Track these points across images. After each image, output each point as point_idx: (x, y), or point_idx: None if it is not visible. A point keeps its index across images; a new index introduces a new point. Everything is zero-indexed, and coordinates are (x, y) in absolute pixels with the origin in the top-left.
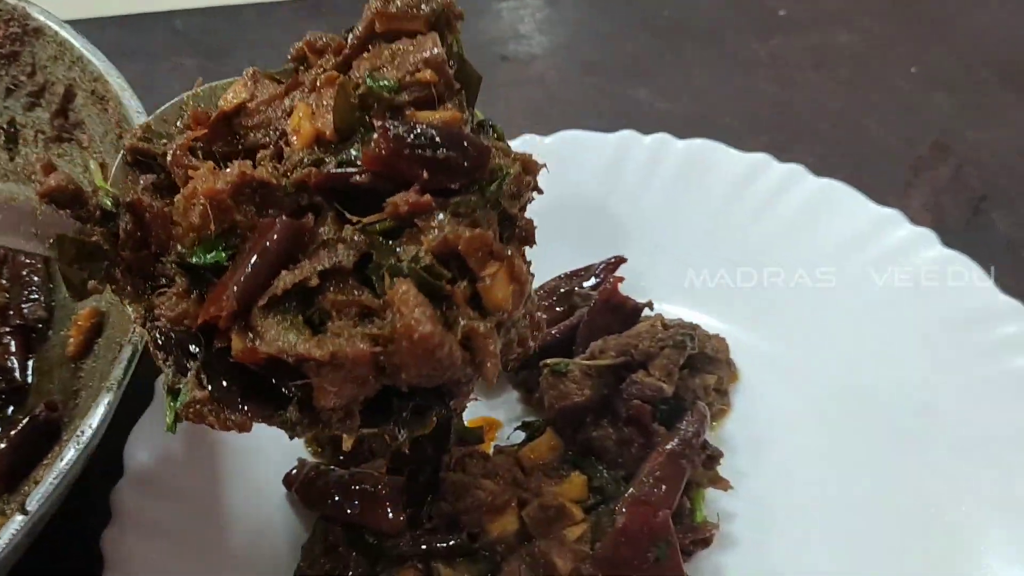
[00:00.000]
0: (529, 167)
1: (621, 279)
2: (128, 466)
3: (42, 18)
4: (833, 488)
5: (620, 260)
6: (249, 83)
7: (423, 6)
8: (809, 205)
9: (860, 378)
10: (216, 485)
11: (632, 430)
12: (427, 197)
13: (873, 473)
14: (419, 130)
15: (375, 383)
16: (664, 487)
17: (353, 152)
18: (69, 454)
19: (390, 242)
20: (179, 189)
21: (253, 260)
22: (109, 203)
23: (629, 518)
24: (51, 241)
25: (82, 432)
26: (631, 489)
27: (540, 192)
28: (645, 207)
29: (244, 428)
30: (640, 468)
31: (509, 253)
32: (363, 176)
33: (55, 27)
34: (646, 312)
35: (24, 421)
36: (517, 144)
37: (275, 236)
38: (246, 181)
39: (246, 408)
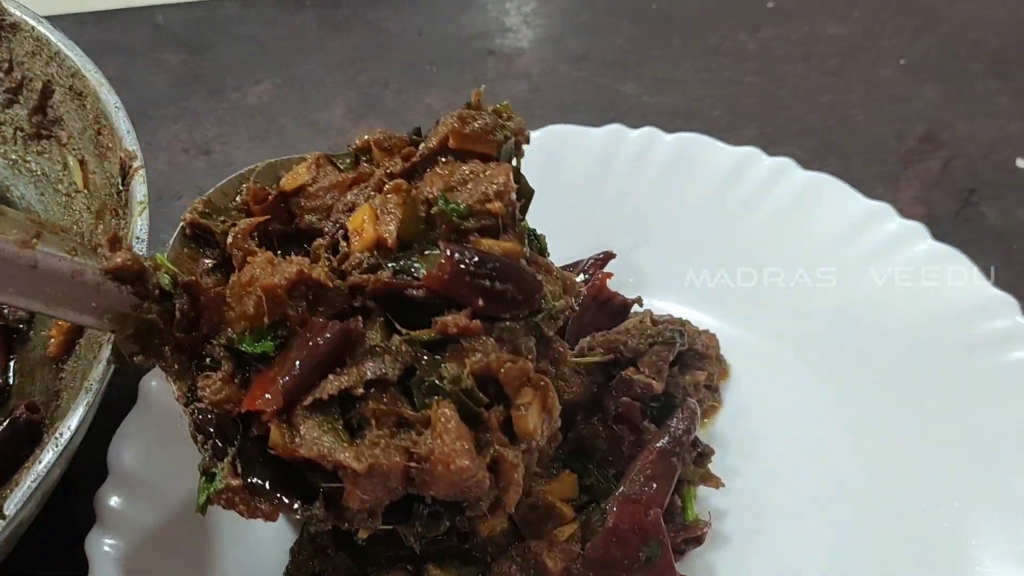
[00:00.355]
0: (569, 288)
1: (609, 275)
2: (112, 468)
3: (19, 13)
4: (825, 484)
5: (609, 255)
6: (313, 167)
7: (497, 132)
8: (799, 199)
9: (851, 374)
10: (194, 486)
11: (622, 428)
12: (477, 323)
13: (865, 469)
14: (482, 260)
15: (402, 491)
16: (655, 485)
17: (413, 264)
18: (47, 457)
19: (435, 356)
20: (234, 269)
21: (302, 359)
22: (168, 282)
23: (619, 517)
24: (110, 317)
25: (60, 435)
26: (621, 488)
27: (575, 312)
28: (633, 202)
29: (271, 518)
30: (630, 466)
31: (543, 384)
32: (419, 291)
33: (32, 22)
34: (635, 308)
35: (4, 423)
36: None
37: (327, 339)
38: (303, 279)
39: (276, 500)
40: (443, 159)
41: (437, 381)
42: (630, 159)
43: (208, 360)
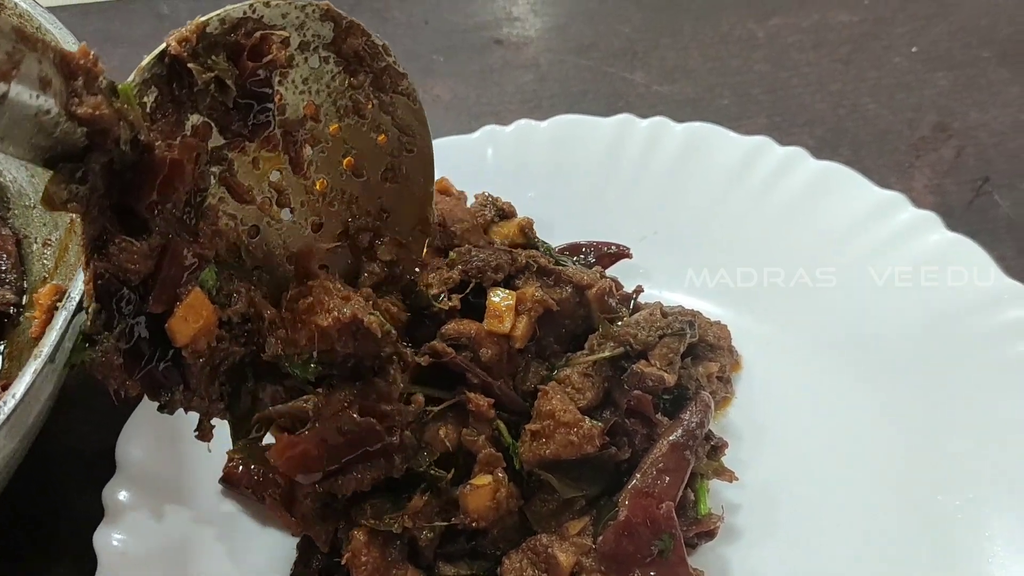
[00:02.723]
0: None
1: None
2: (120, 463)
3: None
4: (838, 476)
5: (622, 253)
6: None
7: None
8: (810, 188)
9: (865, 365)
10: (211, 481)
11: (634, 421)
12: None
13: (879, 461)
14: None
15: None
16: (667, 479)
17: None
18: None
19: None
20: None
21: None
22: (127, 136)
23: (632, 510)
24: (47, 155)
25: (4, 403)
26: (634, 481)
27: None
28: (642, 192)
29: (132, 394)
30: (643, 460)
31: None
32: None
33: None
34: (645, 299)
35: None
36: (511, 130)
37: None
38: (355, 322)
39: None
40: None
41: None
42: (639, 149)
43: (139, 225)
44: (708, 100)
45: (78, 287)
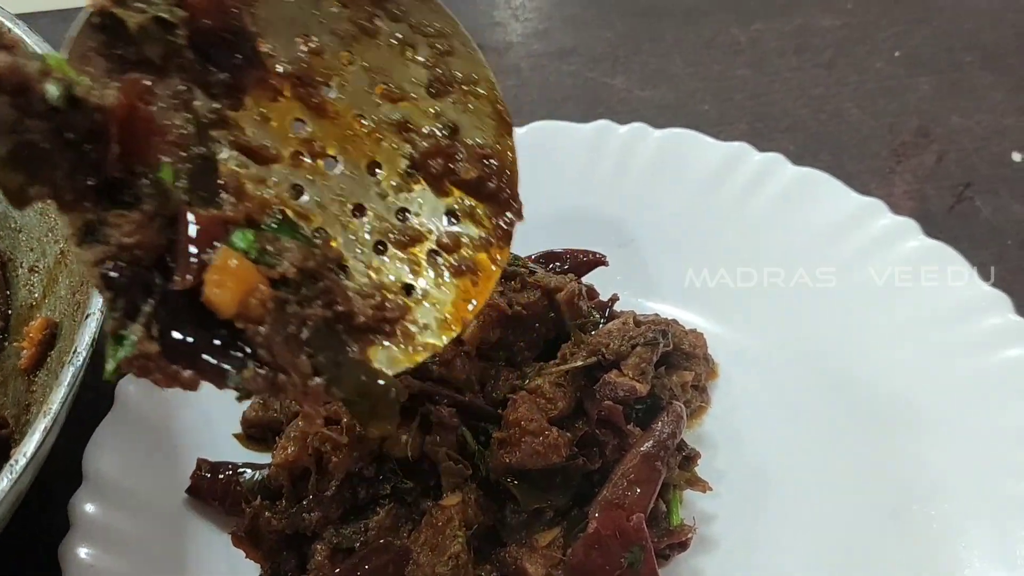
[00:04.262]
0: None
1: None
2: (87, 474)
3: None
4: (814, 486)
5: (598, 261)
6: None
7: None
8: (788, 195)
9: (842, 372)
10: (179, 492)
11: (605, 431)
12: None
13: (855, 470)
14: None
15: None
16: (638, 490)
17: None
18: (2, 484)
19: None
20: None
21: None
22: (56, 95)
23: (601, 522)
24: None
25: (16, 462)
26: (604, 492)
27: None
28: (621, 199)
29: (192, 387)
30: (614, 471)
31: None
32: None
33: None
34: (621, 307)
35: None
36: None
37: None
38: None
39: (201, 364)
40: None
41: None
42: (617, 155)
43: (125, 194)
44: (690, 105)
45: (85, 341)
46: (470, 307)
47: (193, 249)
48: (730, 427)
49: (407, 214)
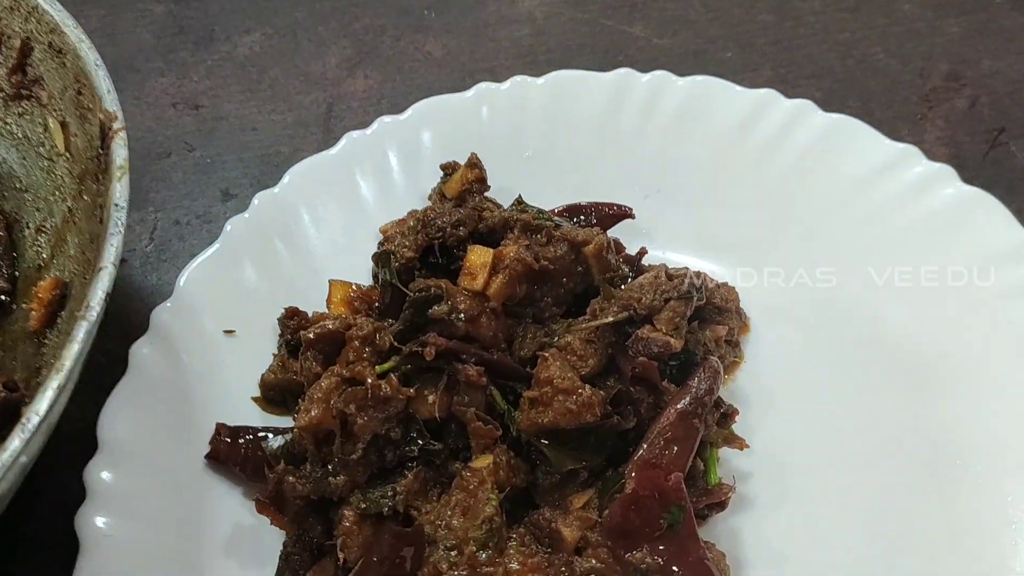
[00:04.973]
0: None
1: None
2: (102, 441)
3: None
4: (852, 441)
5: (624, 213)
6: None
7: None
8: (820, 142)
9: (877, 325)
10: (198, 458)
11: (640, 389)
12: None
13: (893, 425)
14: None
15: None
16: (675, 448)
17: None
18: (13, 444)
19: None
20: None
21: None
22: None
23: (639, 482)
24: None
25: (28, 420)
26: (640, 451)
27: None
28: (644, 150)
29: None
30: (649, 429)
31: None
32: None
33: None
34: (649, 261)
35: None
36: (506, 87)
37: None
38: None
39: None
40: None
41: None
42: (640, 105)
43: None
44: (711, 52)
45: (98, 296)
46: None
47: None
48: (763, 383)
49: None
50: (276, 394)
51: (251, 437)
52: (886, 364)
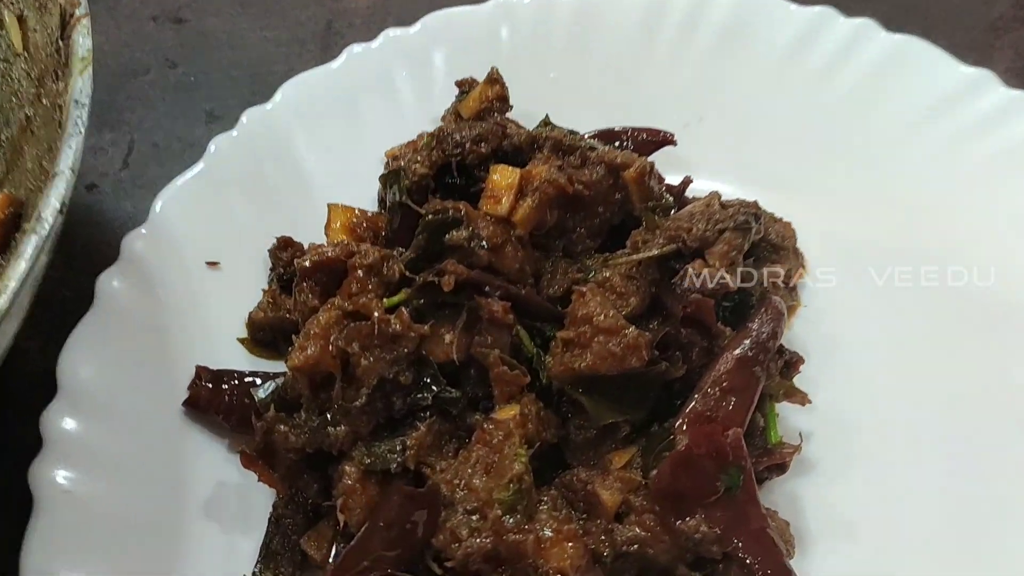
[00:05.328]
0: None
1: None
2: (62, 383)
3: None
4: (922, 398)
5: (665, 139)
6: None
7: None
8: (883, 66)
9: (948, 264)
10: (174, 405)
11: (691, 332)
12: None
13: (971, 378)
14: None
15: None
16: (733, 400)
17: None
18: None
19: None
20: None
21: None
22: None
23: (692, 438)
24: None
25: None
26: (692, 403)
27: None
28: (685, 73)
29: None
30: (703, 378)
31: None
32: None
33: None
34: (692, 194)
35: None
36: (531, 11)
37: None
38: None
39: None
40: None
41: None
42: (680, 22)
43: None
44: None
45: (51, 205)
46: None
47: None
48: (824, 331)
49: None
50: (266, 335)
51: (236, 382)
52: (962, 311)
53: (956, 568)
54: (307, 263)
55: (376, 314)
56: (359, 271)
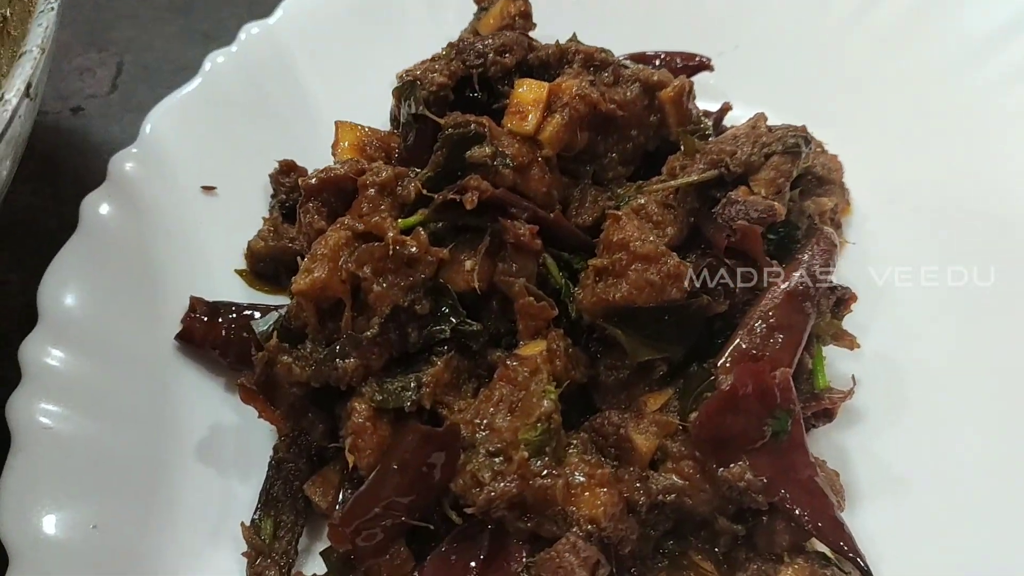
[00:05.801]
0: None
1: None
2: (44, 312)
3: None
4: (976, 345)
5: (702, 64)
6: None
7: None
8: None
9: (1007, 209)
10: (167, 338)
11: (736, 263)
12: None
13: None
14: None
15: None
16: (781, 338)
17: None
18: None
19: None
20: None
21: None
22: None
23: (738, 378)
24: None
25: None
26: (737, 340)
27: None
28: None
29: None
30: (748, 313)
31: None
32: None
33: None
34: (732, 120)
35: None
36: None
37: None
38: None
39: None
40: None
41: None
42: None
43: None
44: None
45: (15, 86)
46: None
47: None
48: (870, 272)
49: None
50: (266, 266)
51: (234, 315)
52: (1013, 254)
53: (1007, 523)
54: (313, 181)
55: (391, 234)
56: (371, 189)
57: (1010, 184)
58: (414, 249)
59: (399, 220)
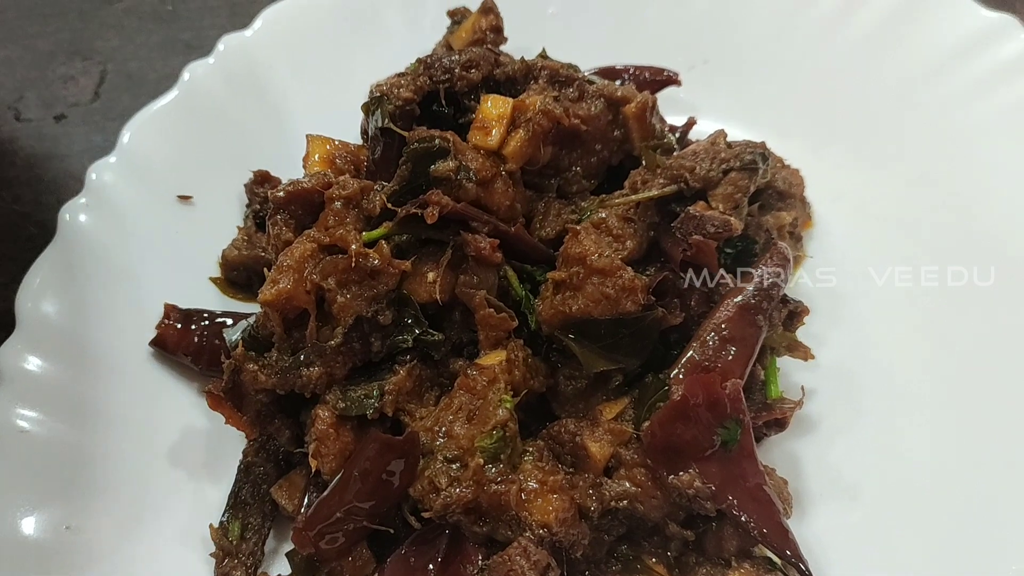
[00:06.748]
0: None
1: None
2: (21, 318)
3: None
4: (931, 356)
5: (669, 79)
6: None
7: None
8: (900, 10)
9: (966, 217)
10: (141, 345)
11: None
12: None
13: (987, 335)
14: None
15: None
16: (733, 350)
17: None
18: None
19: None
20: None
21: None
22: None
23: (689, 388)
24: None
25: None
26: (690, 352)
27: None
28: (690, 12)
29: None
30: (702, 325)
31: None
32: None
33: None
34: (698, 134)
35: None
36: None
37: None
38: None
39: None
40: None
41: None
42: None
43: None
44: None
45: None
46: None
47: None
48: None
49: None
50: (240, 274)
51: (207, 323)
52: (980, 265)
53: (958, 530)
54: (281, 194)
55: (354, 247)
56: (337, 203)
57: (973, 195)
58: (376, 261)
59: (363, 233)
